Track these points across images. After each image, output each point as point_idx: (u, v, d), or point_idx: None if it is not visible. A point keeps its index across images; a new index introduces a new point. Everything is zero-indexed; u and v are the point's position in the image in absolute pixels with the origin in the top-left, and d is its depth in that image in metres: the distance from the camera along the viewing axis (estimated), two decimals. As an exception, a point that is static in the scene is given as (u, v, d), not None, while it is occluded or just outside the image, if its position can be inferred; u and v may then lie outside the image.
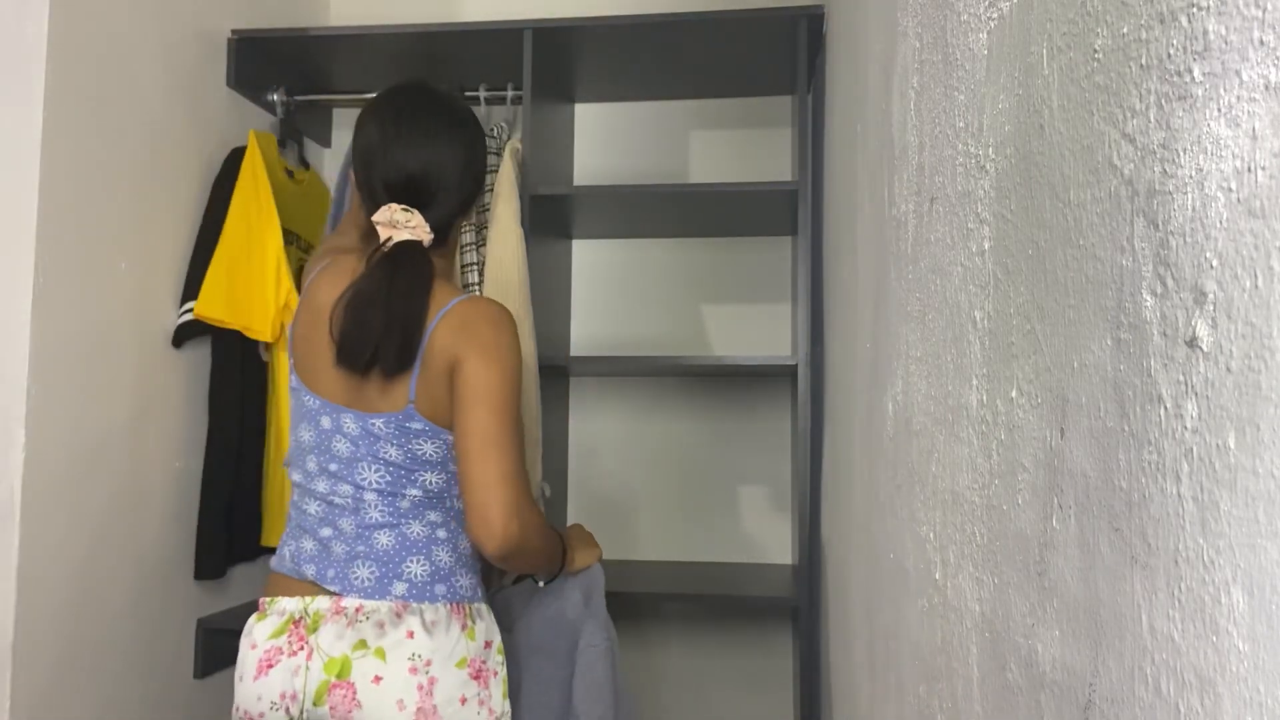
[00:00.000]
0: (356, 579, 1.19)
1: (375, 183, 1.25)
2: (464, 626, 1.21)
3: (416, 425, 1.22)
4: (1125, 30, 0.49)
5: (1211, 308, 0.40)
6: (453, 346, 1.20)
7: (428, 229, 1.23)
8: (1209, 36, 0.41)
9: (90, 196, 1.46)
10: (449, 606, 1.21)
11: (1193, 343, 0.42)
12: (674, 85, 2.09)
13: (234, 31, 1.86)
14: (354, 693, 1.15)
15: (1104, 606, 0.50)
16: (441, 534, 1.24)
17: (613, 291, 2.19)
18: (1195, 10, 0.42)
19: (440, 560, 1.23)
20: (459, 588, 1.23)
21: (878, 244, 1.14)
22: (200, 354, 1.77)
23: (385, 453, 1.22)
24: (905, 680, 0.95)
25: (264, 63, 1.94)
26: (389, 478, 1.23)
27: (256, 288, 1.73)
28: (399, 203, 1.23)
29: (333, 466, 1.23)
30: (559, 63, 1.94)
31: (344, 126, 2.28)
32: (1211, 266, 0.40)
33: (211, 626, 1.78)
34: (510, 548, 1.15)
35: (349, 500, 1.22)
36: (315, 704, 1.16)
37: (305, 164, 2.07)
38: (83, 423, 1.45)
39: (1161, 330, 0.44)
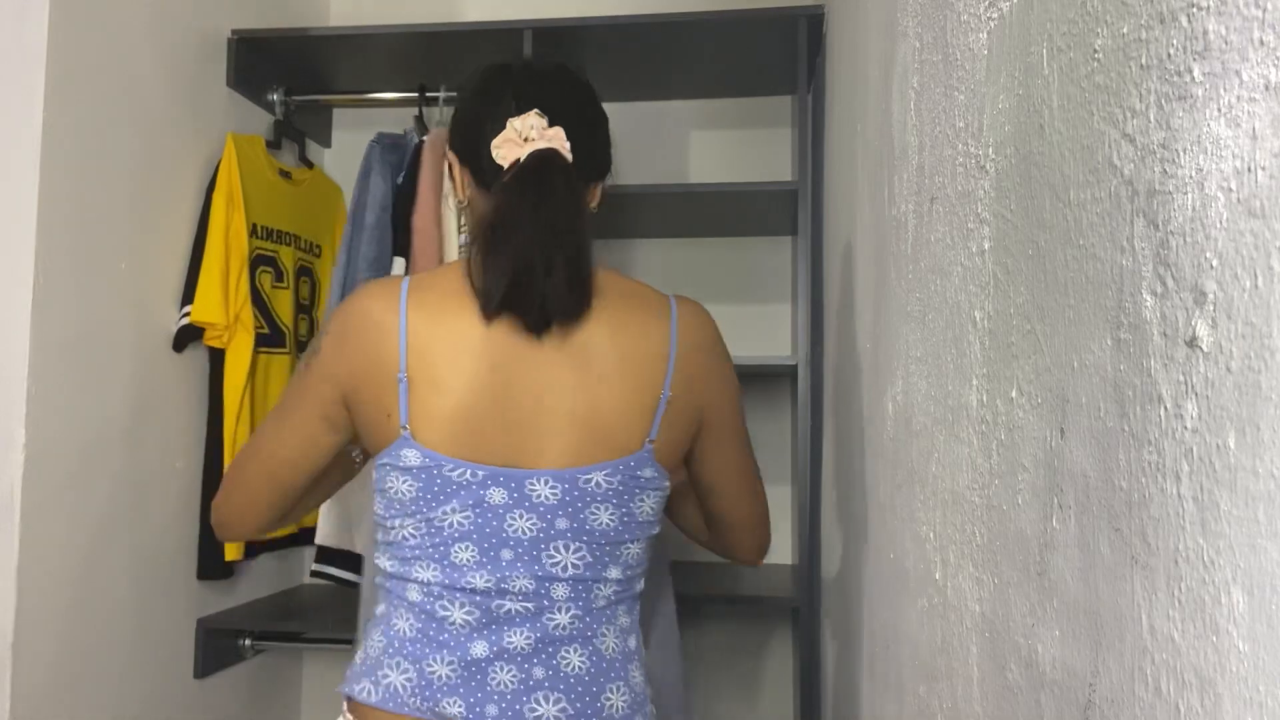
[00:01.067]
0: (535, 718, 0.89)
1: (493, 123, 0.93)
2: None
3: (647, 473, 0.94)
4: (1125, 30, 0.49)
5: (1211, 308, 0.40)
6: (696, 369, 0.96)
7: (567, 144, 0.92)
8: (1209, 36, 0.41)
9: (90, 197, 1.46)
10: None
11: (1193, 343, 0.42)
12: (674, 85, 2.09)
13: (234, 31, 1.86)
14: None
15: (1104, 606, 0.50)
16: (633, 643, 0.96)
17: (613, 291, 2.18)
18: (1195, 10, 0.42)
19: (638, 682, 0.95)
20: (650, 714, 0.96)
21: (878, 244, 1.14)
22: (200, 354, 1.77)
23: (595, 521, 0.92)
24: (905, 680, 0.95)
25: (264, 63, 1.94)
26: (589, 559, 0.92)
27: (231, 293, 1.75)
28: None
29: (506, 555, 0.90)
30: (559, 63, 1.94)
31: (344, 126, 2.27)
32: (1211, 266, 0.40)
33: (211, 626, 1.78)
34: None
35: (528, 601, 0.91)
36: None
37: (308, 163, 2.07)
38: (83, 423, 1.44)
39: (1161, 330, 0.44)
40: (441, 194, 1.76)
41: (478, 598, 0.90)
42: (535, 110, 0.92)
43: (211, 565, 1.77)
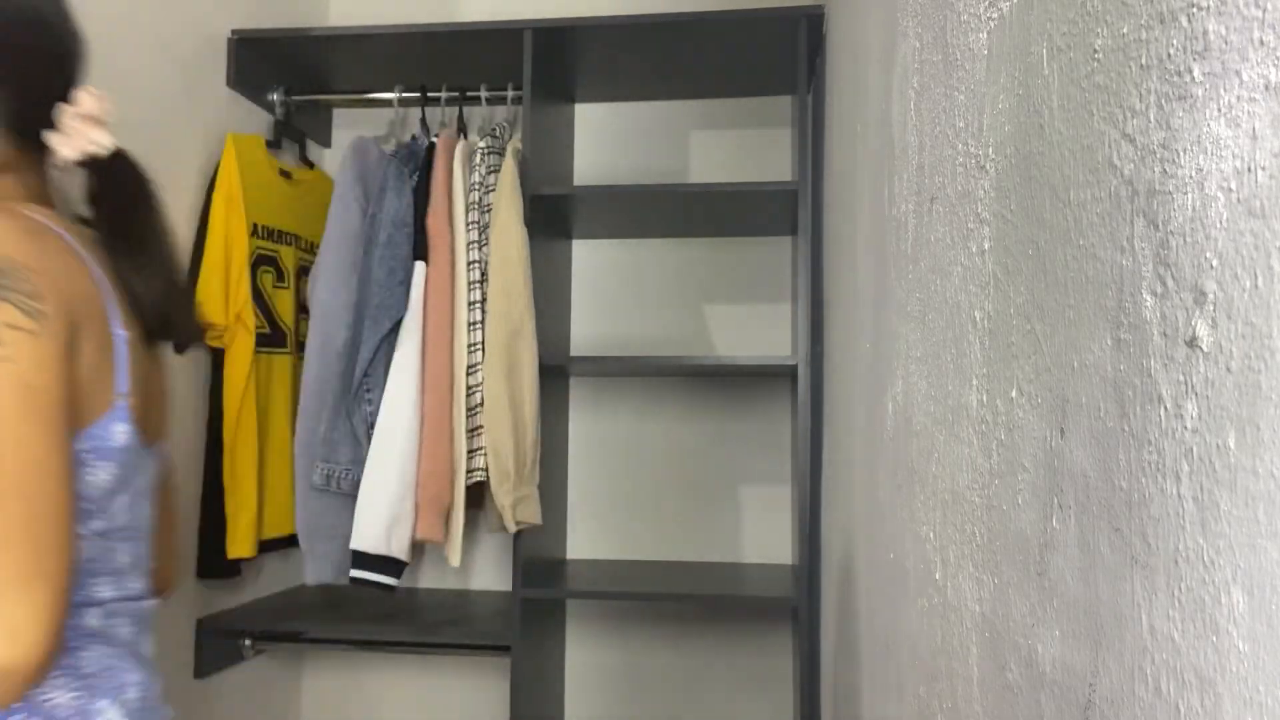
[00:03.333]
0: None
1: (47, 64, 0.88)
2: None
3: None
4: (1125, 30, 0.49)
5: (1211, 308, 0.40)
6: None
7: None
8: (1209, 36, 0.41)
9: (90, 196, 1.46)
10: None
11: (1193, 343, 0.42)
12: (674, 85, 2.09)
13: (234, 31, 1.86)
14: None
15: (1104, 606, 0.50)
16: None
17: (613, 291, 2.19)
18: (1195, 10, 0.42)
19: None
20: None
21: (878, 244, 1.14)
22: (200, 354, 1.77)
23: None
24: (905, 680, 0.95)
25: (264, 63, 1.94)
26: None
27: (231, 293, 1.75)
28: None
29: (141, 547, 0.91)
30: (559, 63, 1.94)
31: (344, 126, 2.28)
32: (1211, 266, 0.40)
33: (211, 627, 1.78)
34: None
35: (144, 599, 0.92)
36: None
37: (308, 163, 2.07)
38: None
39: (1161, 330, 0.44)
40: (452, 195, 1.76)
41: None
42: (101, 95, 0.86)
43: (212, 565, 1.77)
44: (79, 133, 0.85)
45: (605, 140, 2.20)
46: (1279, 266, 0.36)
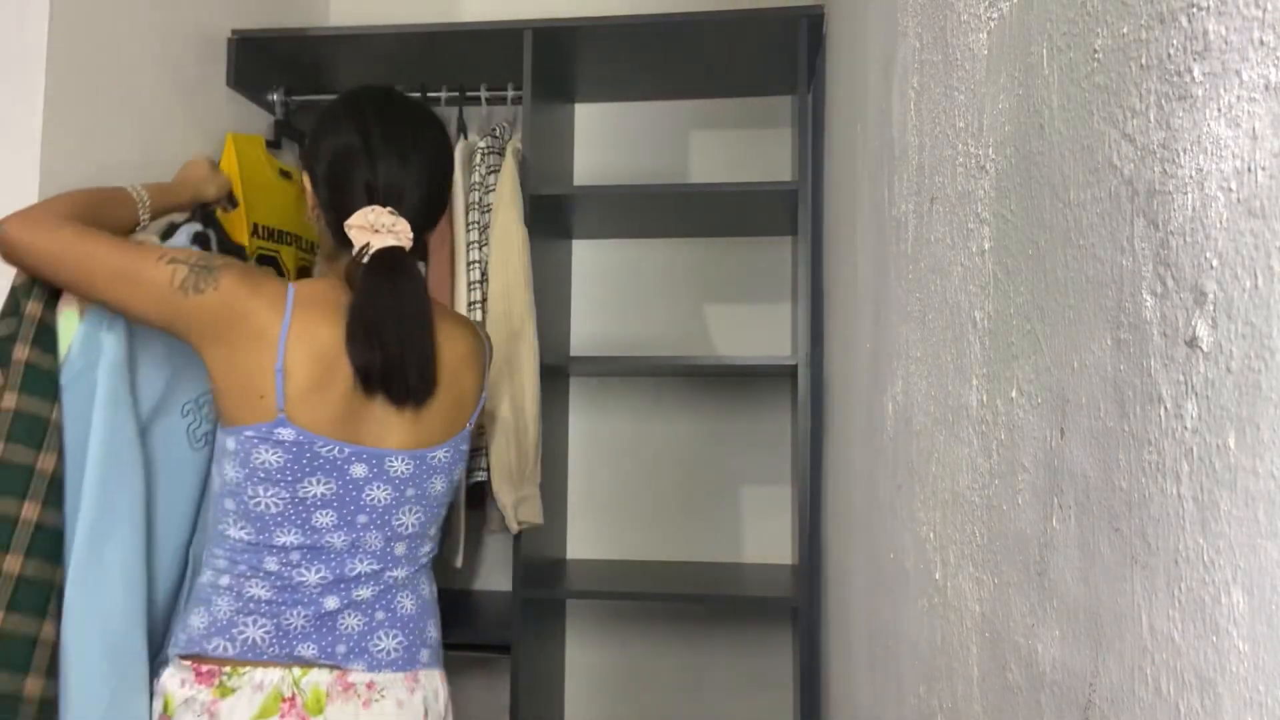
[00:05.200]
0: (379, 651, 1.11)
1: (351, 190, 1.12)
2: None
3: (465, 447, 1.21)
4: (1125, 30, 0.49)
5: (1211, 308, 0.40)
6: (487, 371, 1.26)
7: (410, 235, 1.12)
8: (1209, 36, 0.41)
9: (90, 196, 1.46)
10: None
11: (1193, 343, 0.42)
12: (674, 85, 2.09)
13: (234, 31, 1.86)
14: None
15: (1104, 606, 0.50)
16: (432, 591, 1.22)
17: (613, 291, 2.18)
18: (1195, 10, 0.42)
19: (436, 620, 1.22)
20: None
21: (878, 244, 1.14)
22: (200, 354, 1.77)
23: (433, 488, 1.17)
24: (905, 680, 0.95)
25: (264, 63, 1.94)
26: (424, 518, 1.17)
27: None
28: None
29: (361, 519, 1.11)
30: (559, 63, 1.94)
31: (344, 126, 2.27)
32: (1211, 266, 0.40)
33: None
34: None
35: (374, 560, 1.13)
36: None
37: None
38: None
39: (1161, 330, 0.44)
40: (452, 195, 1.76)
41: (326, 563, 1.10)
42: (388, 210, 1.10)
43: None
44: (362, 237, 1.10)
45: (605, 140, 2.20)
46: (1279, 266, 0.36)
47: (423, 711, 1.13)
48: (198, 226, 1.41)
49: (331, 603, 1.09)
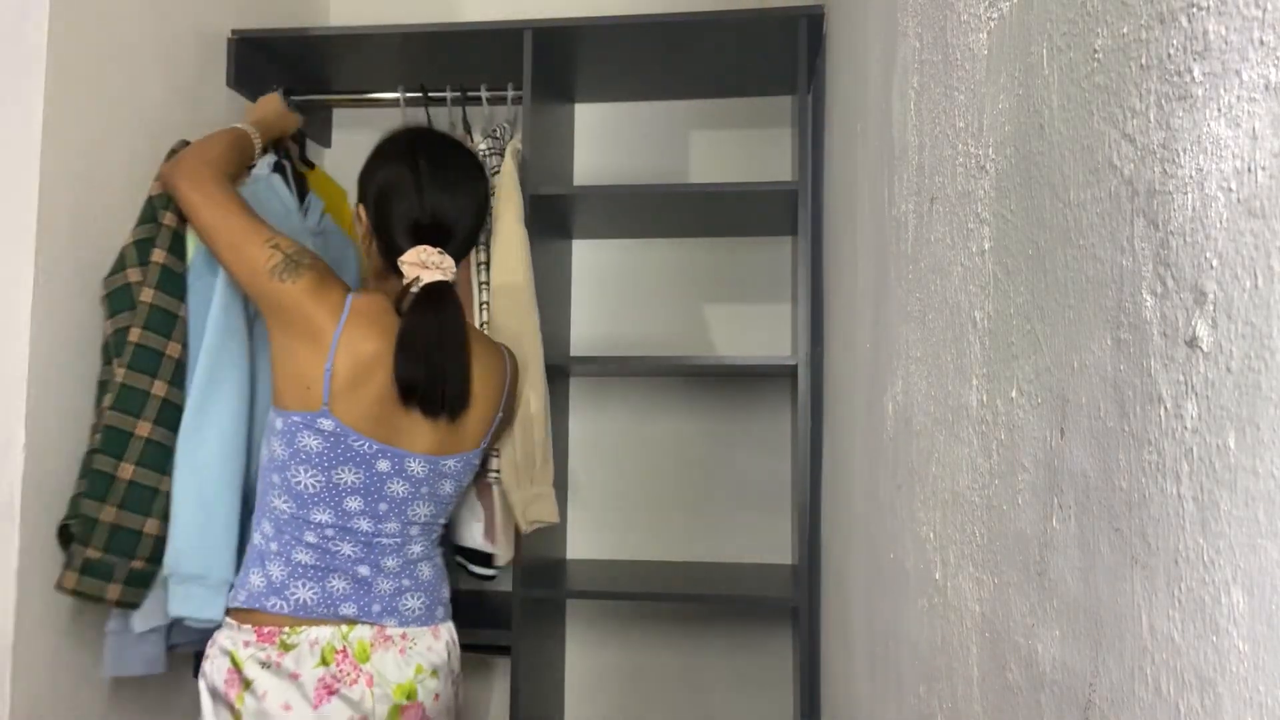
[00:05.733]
0: (407, 609, 1.33)
1: (401, 222, 1.30)
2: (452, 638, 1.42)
3: (477, 462, 1.40)
4: (1125, 30, 0.49)
5: (1211, 308, 0.40)
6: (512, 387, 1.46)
7: (454, 270, 1.30)
8: (1209, 36, 0.41)
9: (90, 197, 1.46)
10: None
11: (1193, 343, 0.42)
12: (674, 85, 2.09)
13: (234, 31, 1.86)
14: (422, 711, 1.31)
15: (1104, 606, 0.50)
16: (442, 561, 1.44)
17: (613, 291, 2.18)
18: (1195, 10, 0.42)
19: (447, 584, 1.45)
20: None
21: (878, 244, 1.14)
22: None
23: (442, 489, 1.36)
24: (905, 680, 0.95)
25: (264, 63, 1.94)
26: (435, 510, 1.37)
27: None
28: (425, 243, 1.29)
29: (382, 507, 1.30)
30: (559, 63, 1.94)
31: (344, 126, 2.28)
32: (1211, 266, 0.40)
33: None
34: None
35: (395, 539, 1.32)
36: None
37: (308, 163, 2.06)
38: (82, 423, 1.44)
39: (1161, 330, 0.44)
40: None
41: (357, 539, 1.29)
42: (436, 249, 1.28)
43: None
44: (413, 271, 1.29)
45: (605, 140, 2.20)
46: (1279, 266, 0.36)
47: (446, 655, 1.37)
48: (274, 157, 1.60)
49: (364, 570, 1.30)
